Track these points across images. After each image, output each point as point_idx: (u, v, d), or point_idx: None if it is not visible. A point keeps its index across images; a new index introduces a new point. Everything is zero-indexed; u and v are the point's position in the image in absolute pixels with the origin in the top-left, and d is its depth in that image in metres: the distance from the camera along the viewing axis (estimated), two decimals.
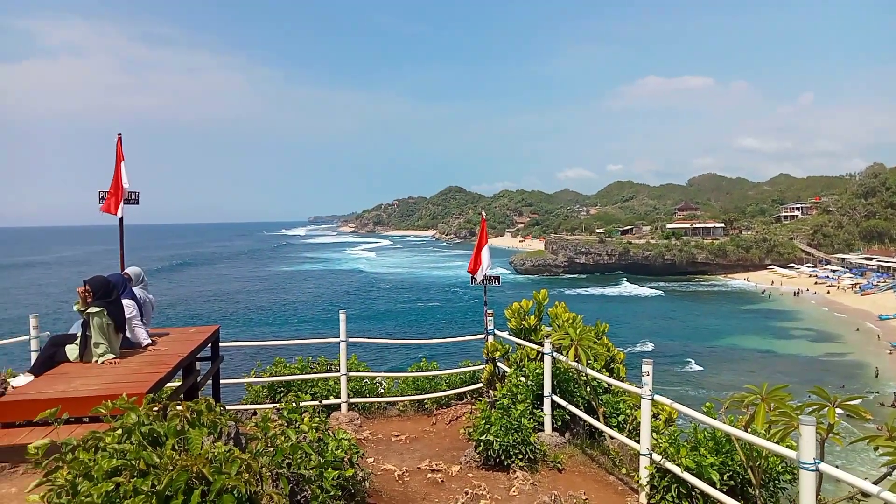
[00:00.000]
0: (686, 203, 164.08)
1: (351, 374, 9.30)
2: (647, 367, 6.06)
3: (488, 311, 9.50)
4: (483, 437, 6.83)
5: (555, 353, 7.69)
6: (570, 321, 8.03)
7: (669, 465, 5.67)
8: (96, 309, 6.44)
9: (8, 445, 4.68)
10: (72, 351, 6.57)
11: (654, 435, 6.28)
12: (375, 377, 10.17)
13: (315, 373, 9.64)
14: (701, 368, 48.05)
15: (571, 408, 7.49)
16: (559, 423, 7.81)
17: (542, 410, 7.72)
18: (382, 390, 10.30)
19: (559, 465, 6.95)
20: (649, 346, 53.90)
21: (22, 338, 8.82)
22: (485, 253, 9.79)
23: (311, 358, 10.18)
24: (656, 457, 5.89)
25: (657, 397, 6.05)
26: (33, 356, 8.30)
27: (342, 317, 9.22)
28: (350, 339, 9.17)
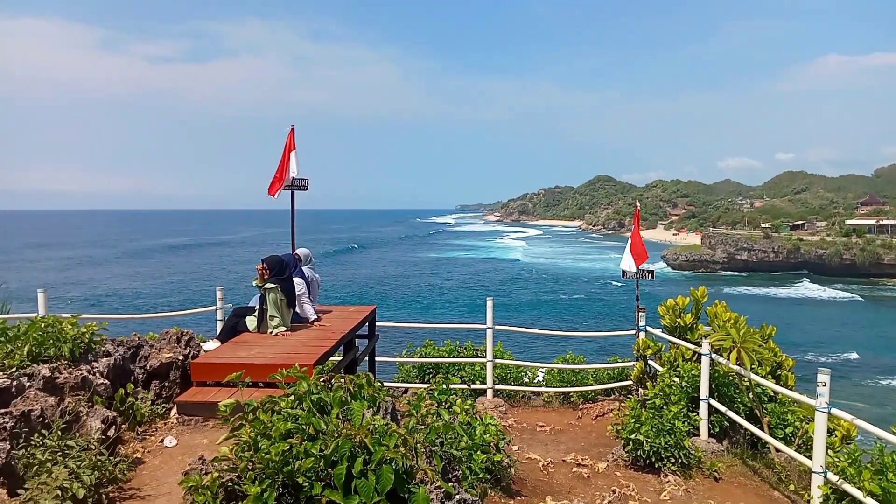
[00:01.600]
0: (871, 196, 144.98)
1: (497, 360, 9.41)
2: (823, 377, 5.49)
3: (640, 307, 9.13)
4: (633, 436, 6.60)
5: (713, 355, 7.22)
6: (732, 321, 7.48)
7: (848, 488, 5.11)
8: (272, 285, 7.09)
9: (202, 402, 5.33)
10: (251, 322, 7.31)
11: (830, 452, 5.69)
12: (521, 366, 10.22)
13: (462, 357, 9.89)
14: (891, 383, 42.44)
15: (731, 414, 7.00)
16: (716, 430, 7.33)
17: (697, 414, 7.29)
18: (527, 379, 10.32)
19: (716, 474, 6.54)
20: (826, 357, 48.52)
21: (209, 308, 9.95)
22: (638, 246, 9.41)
23: (458, 342, 10.45)
24: (832, 476, 5.33)
25: (834, 411, 5.46)
26: (219, 325, 9.34)
27: (489, 304, 9.35)
28: (496, 327, 9.28)
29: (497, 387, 9.42)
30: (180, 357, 6.00)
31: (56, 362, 5.30)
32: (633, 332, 9.10)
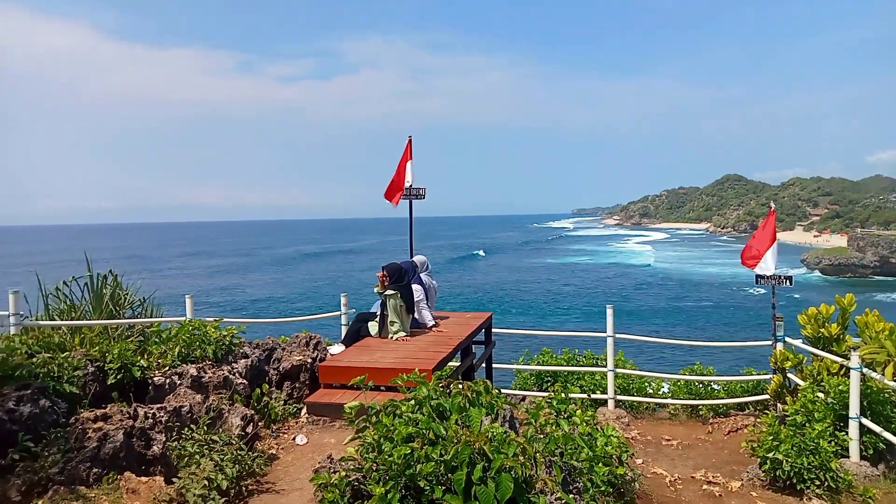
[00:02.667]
0: None
1: (618, 370, 9.11)
2: None
3: (777, 316, 8.46)
4: (770, 455, 6.12)
5: (864, 369, 6.54)
6: (887, 333, 6.74)
7: None
8: (392, 292, 7.33)
9: (329, 403, 5.60)
10: (373, 327, 7.59)
11: None
12: (644, 376, 9.81)
13: (581, 366, 9.67)
14: None
15: (888, 435, 6.30)
16: (870, 452, 6.62)
17: (845, 434, 6.63)
18: (651, 390, 9.89)
19: (870, 500, 5.91)
20: None
21: (335, 313, 10.45)
22: (772, 249, 8.73)
23: (576, 350, 10.23)
24: None
25: None
26: (343, 329, 9.78)
27: (609, 312, 9.07)
28: (617, 335, 8.98)
29: (619, 397, 9.10)
30: (309, 360, 6.36)
31: (201, 363, 5.80)
32: (770, 342, 8.45)
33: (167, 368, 5.54)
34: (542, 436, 3.83)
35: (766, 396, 8.30)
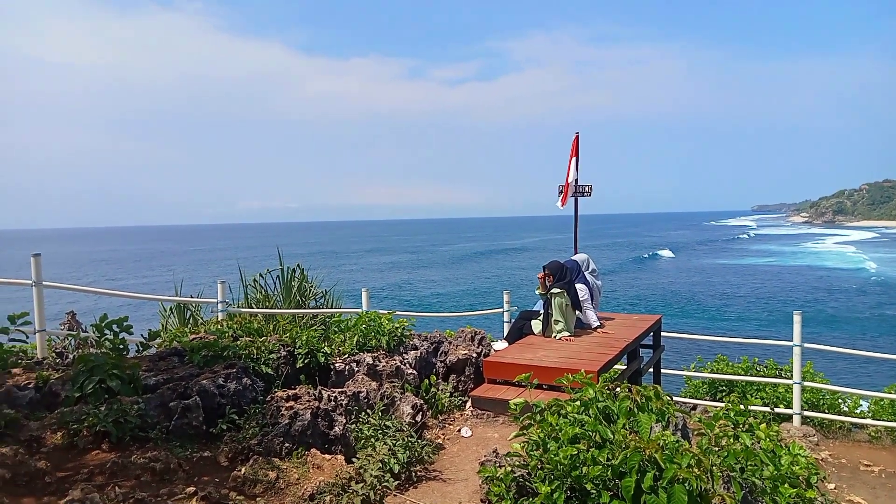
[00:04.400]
0: None
1: (806, 383, 8.24)
2: None
3: None
4: None
5: None
6: None
7: None
8: (558, 290, 7.27)
9: (493, 398, 5.72)
10: (536, 325, 7.59)
11: None
12: (838, 392, 8.77)
13: (762, 376, 8.89)
14: None
15: None
16: None
17: None
18: (846, 408, 8.82)
19: None
20: None
21: (497, 310, 10.60)
22: None
23: (756, 359, 9.42)
24: None
25: None
26: (506, 326, 9.90)
27: (797, 319, 8.24)
28: (806, 345, 8.12)
29: (806, 413, 8.23)
30: (474, 354, 6.52)
31: (376, 352, 6.20)
32: None
33: (346, 356, 6.00)
34: (717, 448, 3.60)
35: None
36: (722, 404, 8.01)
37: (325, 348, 5.86)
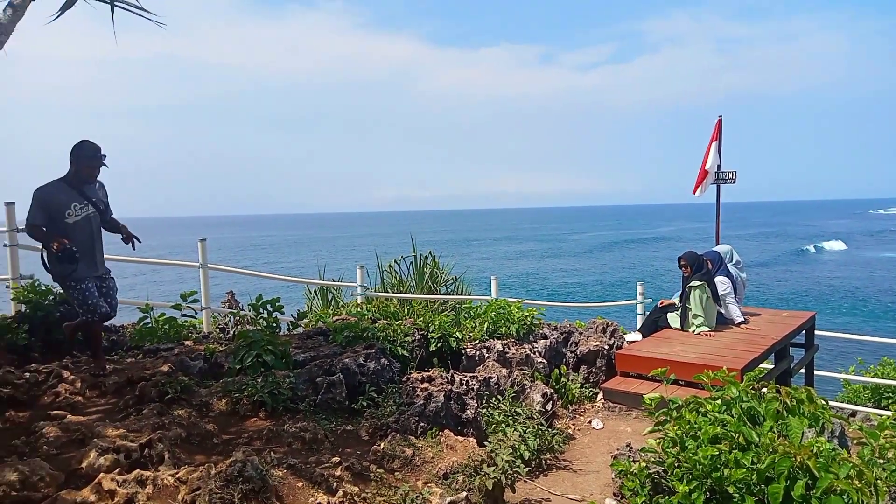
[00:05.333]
0: None
1: None
2: None
3: None
4: None
5: None
6: None
7: None
8: (697, 283, 6.92)
9: (626, 391, 5.59)
10: (673, 319, 7.28)
11: None
12: None
13: None
14: None
15: None
16: None
17: None
18: None
19: None
20: None
21: (630, 301, 10.27)
22: None
23: None
24: None
25: None
26: (639, 318, 9.58)
27: None
28: None
29: None
30: (605, 346, 6.39)
31: (506, 339, 6.27)
32: None
33: (477, 342, 6.13)
34: (883, 461, 3.27)
35: None
36: (888, 412, 7.24)
37: (457, 333, 6.02)
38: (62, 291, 5.48)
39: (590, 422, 5.41)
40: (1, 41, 3.20)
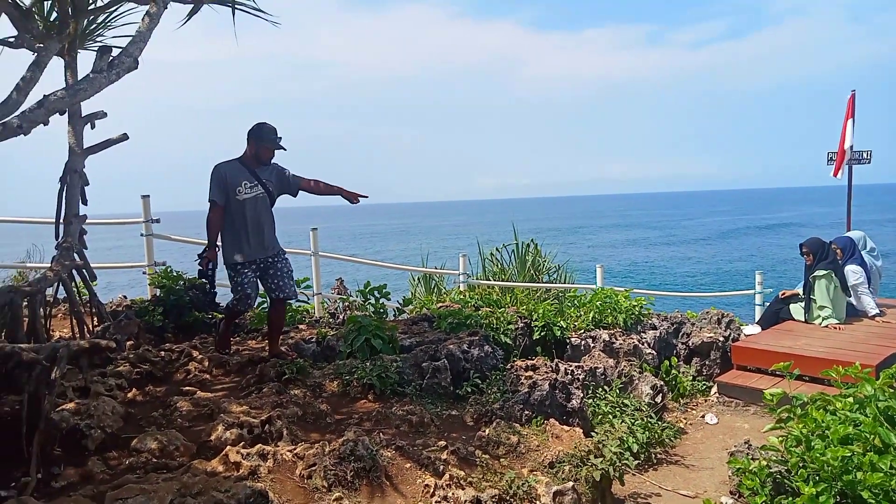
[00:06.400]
0: None
1: None
2: None
3: None
4: None
5: None
6: None
7: None
8: (822, 272, 6.41)
9: (743, 385, 5.28)
10: (796, 310, 6.79)
11: None
12: None
13: None
14: None
15: None
16: None
17: None
18: None
19: None
20: None
21: (747, 291, 9.69)
22: None
23: None
24: None
25: None
26: (756, 309, 9.01)
27: None
28: None
29: None
30: (720, 338, 6.07)
31: (612, 329, 6.11)
32: None
33: (582, 331, 6.01)
34: None
35: None
36: None
37: (561, 322, 5.93)
38: (191, 278, 5.96)
39: (703, 416, 5.17)
40: (140, 48, 3.50)
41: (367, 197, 4.77)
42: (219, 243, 4.57)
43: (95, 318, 4.55)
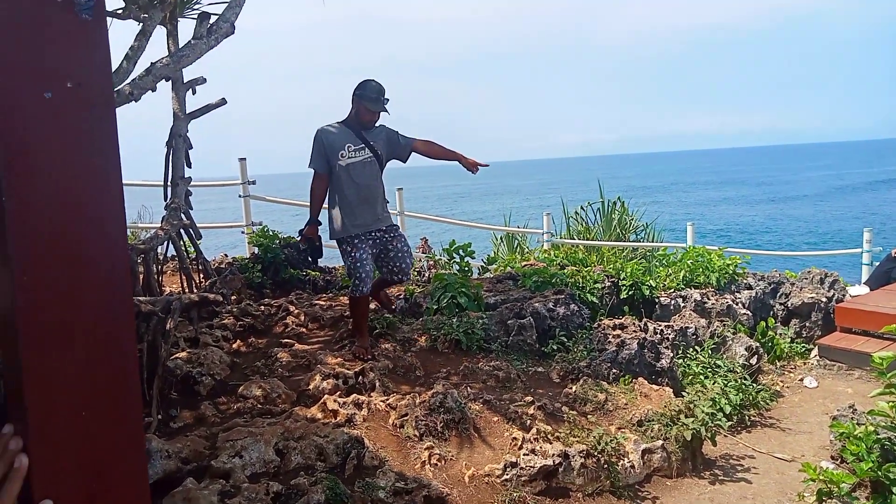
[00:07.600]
0: None
1: None
2: None
3: None
4: None
5: None
6: None
7: None
8: None
9: (847, 349, 5.00)
10: None
11: None
12: None
13: None
14: None
15: None
16: None
17: None
18: None
19: None
20: None
21: (854, 250, 9.07)
22: None
23: None
24: None
25: None
26: (864, 269, 8.43)
27: None
28: None
29: None
30: (823, 299, 5.74)
31: (704, 289, 5.90)
32: None
33: (672, 290, 5.85)
34: None
35: None
36: None
37: (650, 281, 5.79)
38: (286, 237, 6.23)
39: (801, 379, 4.95)
40: (236, 13, 3.63)
41: (487, 165, 4.27)
42: (323, 219, 4.17)
43: (202, 275, 4.87)
